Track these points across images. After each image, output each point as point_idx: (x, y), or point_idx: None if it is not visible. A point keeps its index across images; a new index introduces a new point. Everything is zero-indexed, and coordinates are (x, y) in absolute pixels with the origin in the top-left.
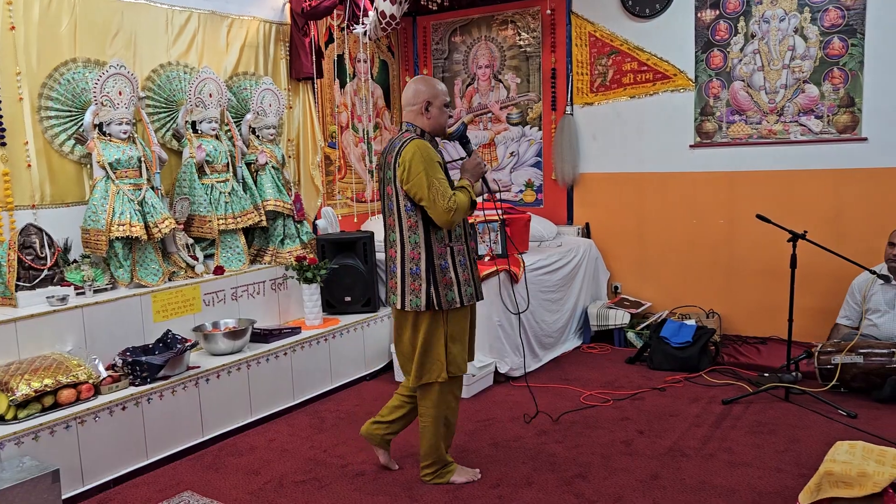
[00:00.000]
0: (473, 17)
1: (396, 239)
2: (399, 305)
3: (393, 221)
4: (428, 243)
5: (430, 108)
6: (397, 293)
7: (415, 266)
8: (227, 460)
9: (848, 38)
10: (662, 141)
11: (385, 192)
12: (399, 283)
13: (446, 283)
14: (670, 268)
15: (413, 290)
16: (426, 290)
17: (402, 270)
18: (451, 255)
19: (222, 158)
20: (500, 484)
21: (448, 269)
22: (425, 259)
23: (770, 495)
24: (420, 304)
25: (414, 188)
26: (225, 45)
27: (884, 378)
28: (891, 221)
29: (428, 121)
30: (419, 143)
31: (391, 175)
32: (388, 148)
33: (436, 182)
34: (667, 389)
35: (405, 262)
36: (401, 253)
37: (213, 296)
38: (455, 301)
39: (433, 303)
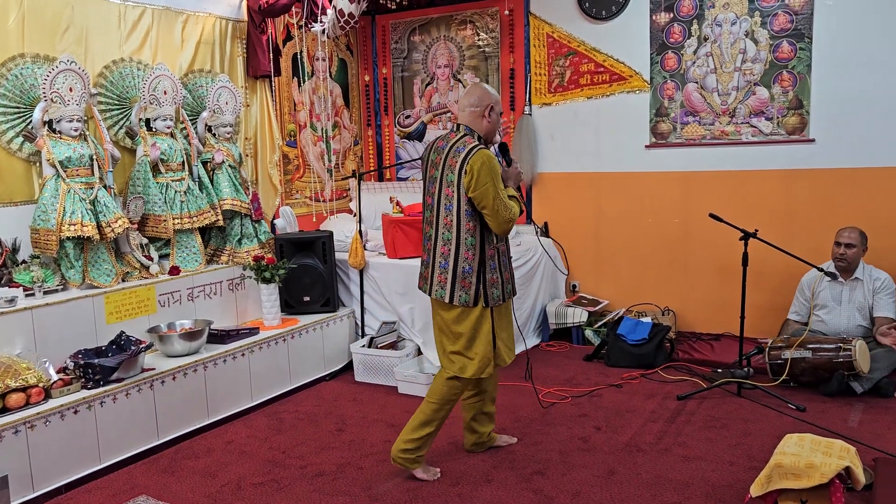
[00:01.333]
0: (432, 17)
1: (451, 238)
2: (447, 299)
3: (450, 221)
4: (482, 246)
5: (491, 113)
6: (446, 288)
7: (468, 265)
8: (183, 463)
9: (796, 42)
10: (619, 141)
11: (442, 192)
12: (449, 280)
13: (493, 282)
14: (627, 266)
15: (463, 287)
16: (475, 288)
17: (454, 268)
18: (497, 256)
19: (177, 157)
20: (460, 482)
21: (495, 269)
22: (478, 260)
23: (723, 488)
24: (469, 301)
25: (480, 197)
26: (180, 41)
27: (831, 372)
28: (838, 220)
29: (487, 125)
30: (487, 154)
31: (453, 178)
32: (445, 148)
33: (500, 194)
34: (623, 386)
35: (458, 260)
36: (454, 252)
37: (169, 296)
38: (499, 298)
39: (480, 299)
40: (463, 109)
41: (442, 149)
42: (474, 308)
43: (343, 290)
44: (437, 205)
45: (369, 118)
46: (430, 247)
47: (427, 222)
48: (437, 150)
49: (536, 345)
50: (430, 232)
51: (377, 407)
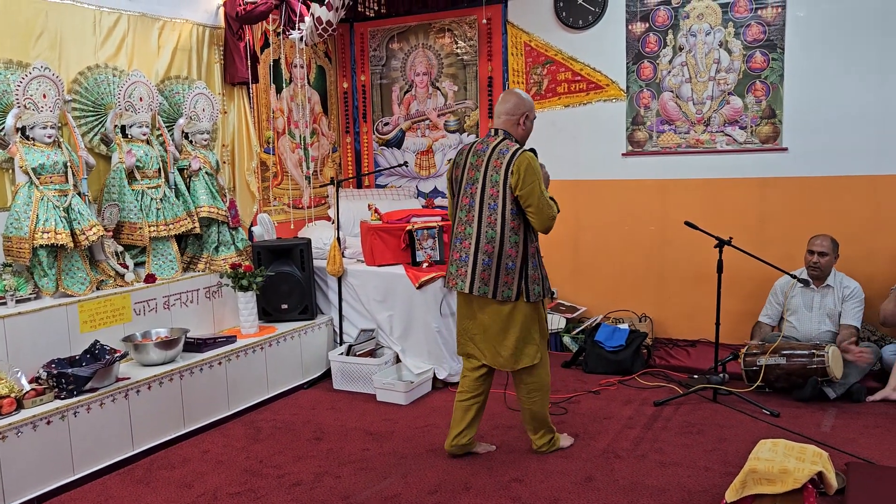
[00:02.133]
0: (411, 25)
1: (496, 236)
2: (490, 295)
3: (494, 220)
4: (525, 243)
5: (526, 121)
6: (489, 285)
7: (511, 262)
8: (158, 474)
9: (769, 53)
10: (596, 149)
11: (486, 192)
12: (492, 276)
13: (534, 279)
14: (604, 273)
15: (506, 283)
16: (518, 284)
17: (497, 265)
18: (536, 255)
19: (153, 164)
20: (438, 490)
21: (536, 267)
22: (521, 257)
23: (699, 493)
24: (511, 296)
25: (526, 195)
26: (156, 48)
27: (805, 378)
28: (810, 228)
29: (521, 132)
30: (531, 156)
31: (497, 178)
32: (485, 151)
33: (544, 193)
34: (601, 392)
35: (502, 258)
36: (498, 249)
37: (144, 305)
38: (539, 295)
39: (522, 295)
40: (499, 116)
41: (482, 152)
42: (517, 302)
43: (321, 298)
44: (478, 204)
45: (348, 125)
46: (467, 245)
47: (464, 222)
48: (476, 153)
49: None
50: (468, 231)
51: (356, 415)
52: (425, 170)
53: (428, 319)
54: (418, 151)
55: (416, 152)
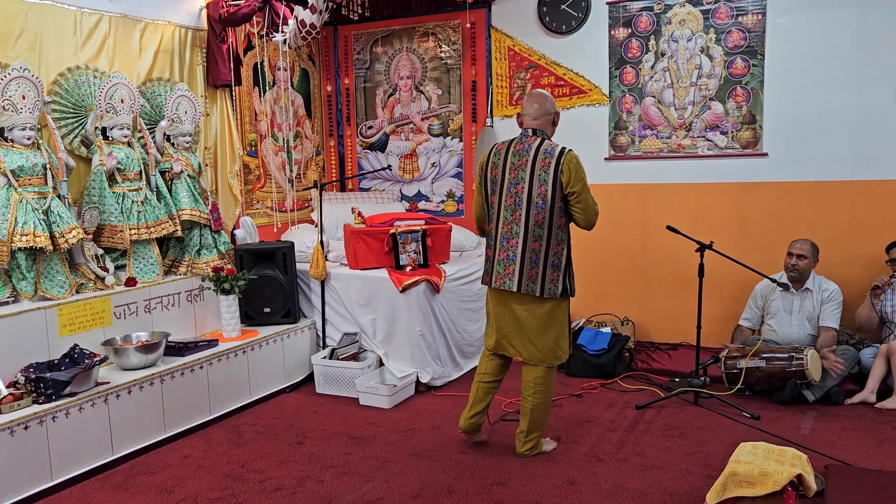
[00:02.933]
0: (395, 29)
1: (542, 234)
2: (538, 293)
3: (542, 219)
4: (569, 241)
5: (557, 118)
6: (537, 282)
7: (557, 259)
8: (138, 479)
9: (750, 59)
10: (579, 153)
11: (533, 191)
12: (540, 274)
13: (571, 274)
14: (587, 277)
15: (552, 280)
16: (562, 280)
17: (544, 262)
18: (569, 252)
19: (135, 166)
20: (421, 494)
21: (571, 263)
22: (566, 254)
23: (680, 496)
24: (556, 292)
25: (577, 193)
26: (138, 49)
27: (784, 381)
28: (789, 232)
29: (553, 129)
30: (577, 156)
31: (546, 177)
32: (528, 151)
33: (589, 190)
34: (583, 396)
35: (548, 255)
36: (545, 247)
37: (125, 308)
38: (570, 291)
39: (567, 291)
40: (534, 117)
41: (524, 151)
42: (562, 299)
43: (304, 302)
44: (525, 203)
45: (331, 128)
46: (514, 244)
47: (509, 221)
48: (517, 154)
49: None
50: (514, 230)
51: (338, 419)
52: (409, 173)
53: (411, 323)
54: (402, 155)
55: (399, 156)
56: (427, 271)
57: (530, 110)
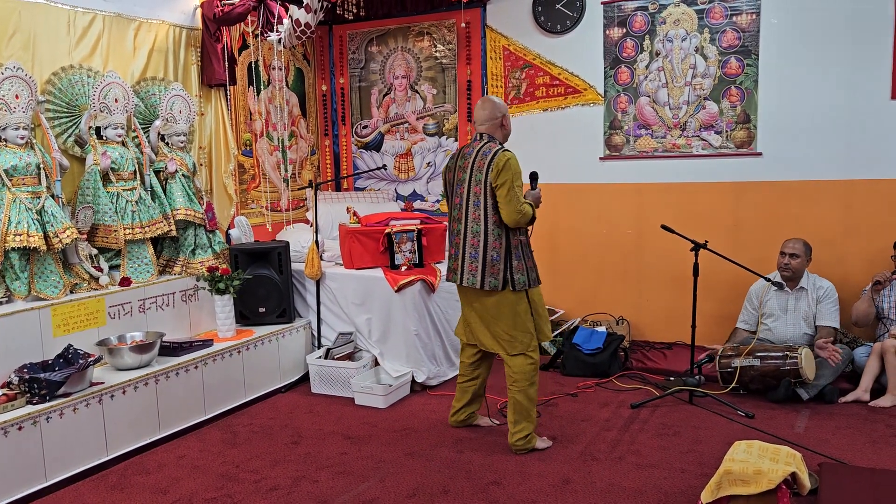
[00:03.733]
0: (390, 28)
1: (480, 230)
2: (479, 286)
3: (478, 216)
4: (507, 237)
5: (504, 121)
6: (477, 276)
7: (496, 254)
8: (133, 479)
9: (744, 59)
10: (574, 153)
11: (471, 190)
12: (479, 268)
13: (518, 268)
14: (582, 276)
15: (493, 274)
16: (503, 274)
17: (483, 257)
18: (521, 247)
19: (129, 166)
20: (417, 493)
21: (520, 258)
22: (504, 249)
23: (675, 495)
24: (497, 286)
25: (500, 187)
26: (132, 48)
27: (779, 380)
28: (783, 231)
29: (502, 132)
30: (511, 155)
31: (481, 177)
32: (471, 153)
33: (515, 188)
34: (579, 395)
35: (486, 250)
36: (483, 242)
37: (119, 308)
38: (524, 284)
39: (508, 284)
40: (482, 122)
41: (468, 154)
42: (504, 292)
43: (299, 301)
44: (465, 203)
45: (326, 128)
46: (458, 241)
47: (455, 220)
48: (463, 157)
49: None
50: (458, 228)
51: (333, 419)
52: (404, 173)
53: (406, 323)
54: (397, 154)
55: (394, 155)
56: (422, 271)
57: (479, 116)
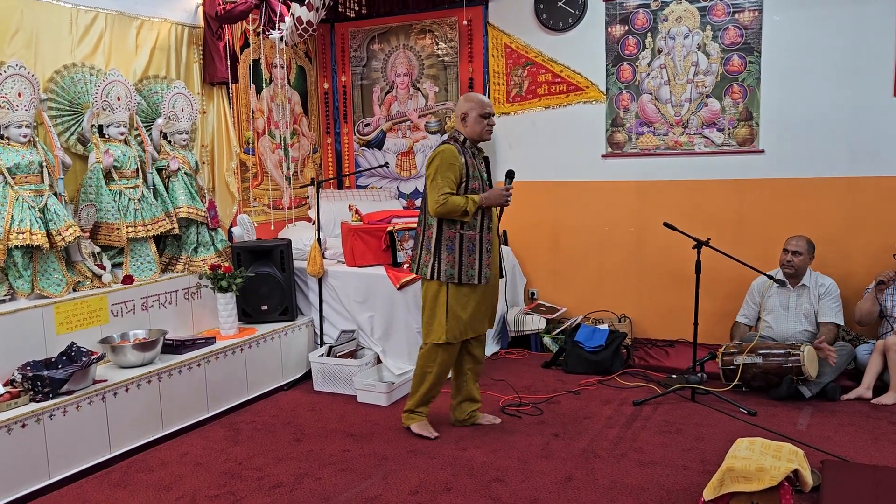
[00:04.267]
0: (392, 26)
1: (422, 220)
2: (416, 271)
3: (422, 207)
4: (440, 228)
5: (466, 119)
6: (416, 262)
7: (428, 243)
8: (136, 476)
9: (746, 56)
10: (576, 151)
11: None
12: (418, 255)
13: (449, 261)
14: (584, 274)
15: (425, 262)
16: (432, 264)
17: (421, 245)
18: (459, 240)
19: (131, 164)
20: (419, 490)
21: (453, 250)
22: (435, 239)
23: (677, 492)
24: (426, 274)
25: (427, 177)
26: (134, 47)
27: (781, 377)
28: (786, 229)
29: (466, 129)
30: (447, 147)
31: (425, 169)
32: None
33: (440, 179)
34: (581, 392)
35: (423, 239)
36: (423, 232)
37: (122, 306)
38: (453, 277)
39: (435, 274)
40: (455, 120)
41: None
42: (431, 281)
43: (301, 299)
44: (422, 197)
45: (328, 126)
46: (418, 231)
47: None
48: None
49: (496, 352)
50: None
51: (336, 416)
52: (406, 171)
53: (409, 320)
54: (399, 152)
55: (396, 153)
56: None
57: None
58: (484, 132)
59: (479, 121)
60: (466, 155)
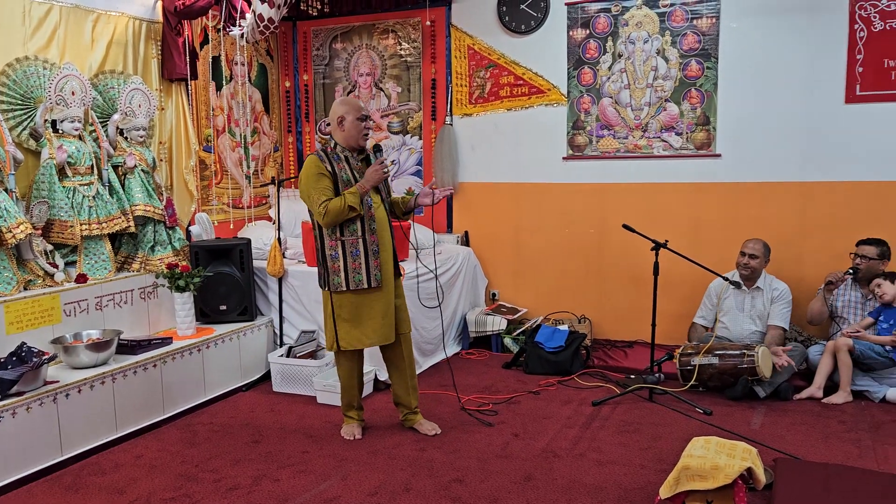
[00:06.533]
0: (354, 25)
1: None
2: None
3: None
4: (322, 238)
5: (343, 123)
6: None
7: (319, 254)
8: (88, 480)
9: (704, 62)
10: (537, 153)
11: None
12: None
13: (335, 269)
14: (545, 275)
15: (319, 274)
16: (322, 275)
17: (314, 254)
18: (341, 247)
19: (86, 160)
20: (378, 491)
21: (337, 258)
22: (321, 249)
23: (634, 491)
24: (320, 283)
25: (301, 196)
26: (90, 40)
27: (736, 377)
28: (742, 232)
29: (342, 133)
30: (308, 158)
31: None
32: None
33: (312, 191)
34: (541, 393)
35: (315, 250)
36: (313, 242)
37: (75, 305)
38: (341, 285)
39: (326, 285)
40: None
41: None
42: (324, 291)
43: (261, 299)
44: None
45: (290, 125)
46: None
47: None
48: None
49: (457, 353)
50: None
51: (295, 417)
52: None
53: None
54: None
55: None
56: None
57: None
58: (360, 137)
59: (356, 124)
60: (334, 160)
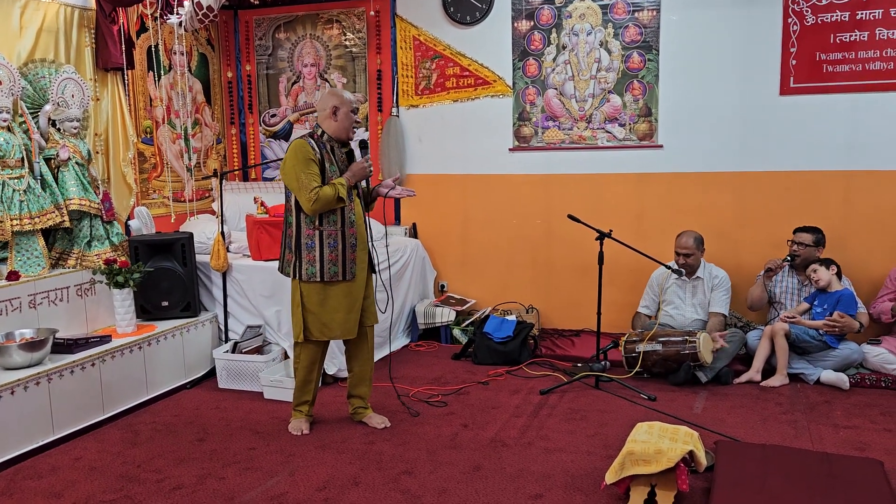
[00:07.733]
0: (298, 15)
1: (285, 220)
2: (280, 270)
3: (286, 206)
4: (298, 226)
5: (336, 113)
6: (281, 261)
7: (289, 241)
8: (23, 484)
9: (645, 54)
10: (484, 144)
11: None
12: (282, 253)
13: (310, 259)
14: (493, 266)
15: (288, 262)
16: (294, 263)
17: (283, 244)
18: (319, 237)
19: (16, 153)
20: (327, 486)
21: (313, 248)
22: (295, 239)
23: (581, 477)
24: (290, 273)
25: (285, 179)
26: (18, 27)
27: (679, 363)
28: (683, 221)
29: (334, 124)
30: (297, 142)
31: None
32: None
33: (303, 176)
34: (490, 383)
35: (286, 239)
36: (285, 232)
37: (7, 304)
38: (315, 276)
39: (297, 274)
40: (318, 115)
41: None
42: (294, 280)
43: (205, 294)
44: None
45: (233, 116)
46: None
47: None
48: None
49: (406, 345)
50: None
51: (241, 414)
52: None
53: None
54: None
55: None
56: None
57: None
58: (350, 129)
59: (349, 116)
60: (323, 150)
